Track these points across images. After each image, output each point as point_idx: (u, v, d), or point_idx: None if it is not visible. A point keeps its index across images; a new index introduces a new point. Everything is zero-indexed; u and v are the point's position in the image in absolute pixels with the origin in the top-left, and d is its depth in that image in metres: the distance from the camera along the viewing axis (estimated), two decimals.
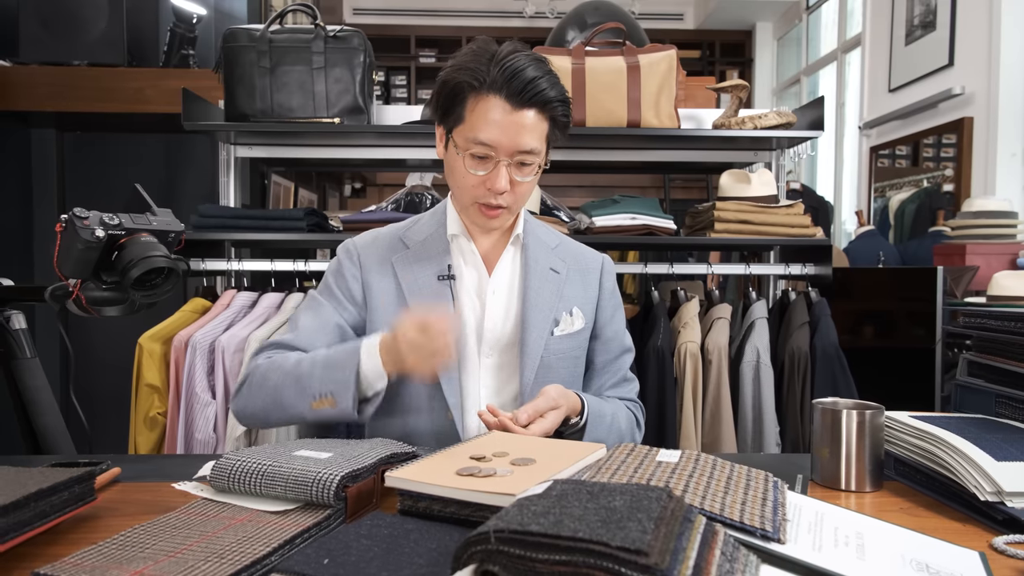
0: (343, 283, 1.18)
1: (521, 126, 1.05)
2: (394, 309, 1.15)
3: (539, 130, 1.07)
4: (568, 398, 1.06)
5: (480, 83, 1.05)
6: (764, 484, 0.79)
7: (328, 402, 1.00)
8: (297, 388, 1.02)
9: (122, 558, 0.62)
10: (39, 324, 2.37)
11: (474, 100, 1.06)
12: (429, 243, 1.18)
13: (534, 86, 1.04)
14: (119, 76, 2.34)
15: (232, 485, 0.79)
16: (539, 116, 1.07)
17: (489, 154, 1.06)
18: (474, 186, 1.09)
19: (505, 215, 1.12)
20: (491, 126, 1.04)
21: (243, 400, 1.09)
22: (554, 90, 1.07)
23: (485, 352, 1.16)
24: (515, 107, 1.04)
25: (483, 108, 1.05)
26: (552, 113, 1.08)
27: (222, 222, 1.97)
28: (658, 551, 0.49)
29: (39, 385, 1.18)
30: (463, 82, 1.06)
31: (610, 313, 1.25)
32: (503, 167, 1.06)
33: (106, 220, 1.01)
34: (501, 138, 1.05)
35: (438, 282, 1.15)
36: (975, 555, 0.71)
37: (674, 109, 2.02)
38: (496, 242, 1.20)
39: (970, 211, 2.67)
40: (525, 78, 1.04)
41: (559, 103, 1.08)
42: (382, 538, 0.66)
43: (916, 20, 3.91)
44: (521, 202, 1.13)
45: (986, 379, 1.09)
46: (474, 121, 1.06)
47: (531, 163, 1.08)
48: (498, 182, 1.06)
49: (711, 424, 1.89)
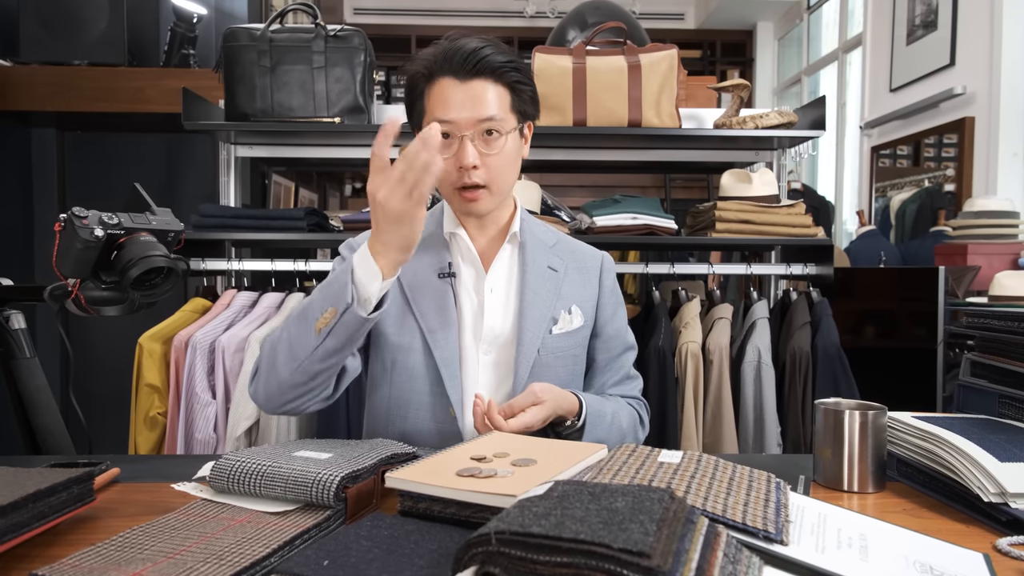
0: None
1: (475, 97, 1.07)
2: (398, 305, 1.15)
3: (498, 99, 1.08)
4: (554, 394, 1.05)
5: (429, 70, 1.08)
6: (766, 485, 0.78)
7: (330, 313, 0.94)
8: (301, 324, 0.98)
9: (121, 559, 0.62)
10: (38, 324, 2.37)
11: (428, 88, 1.09)
12: (428, 241, 1.18)
13: (476, 55, 1.06)
14: (119, 76, 2.34)
15: (231, 486, 0.79)
16: (494, 84, 1.08)
17: (452, 131, 1.07)
18: (447, 172, 1.09)
19: (485, 196, 1.11)
20: (445, 104, 1.07)
21: (259, 381, 1.05)
22: (501, 56, 1.08)
23: (483, 349, 1.16)
24: (463, 79, 1.07)
25: (436, 91, 1.08)
26: (506, 80, 1.09)
27: (222, 222, 1.97)
28: (660, 553, 0.48)
29: (38, 385, 1.18)
30: (416, 74, 1.10)
31: (611, 311, 1.25)
32: (467, 141, 1.07)
33: (105, 219, 1.01)
34: (459, 112, 1.06)
35: (439, 280, 1.15)
36: (979, 556, 0.70)
37: (675, 109, 2.01)
38: (492, 240, 1.20)
39: (971, 211, 2.67)
40: (467, 50, 1.06)
41: (511, 69, 1.09)
42: (382, 539, 0.65)
43: (917, 20, 3.91)
44: (499, 180, 1.11)
45: (989, 379, 1.08)
46: (432, 106, 1.08)
47: (496, 132, 1.08)
48: (465, 157, 1.07)
49: (712, 424, 1.88)
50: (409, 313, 1.14)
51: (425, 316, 1.13)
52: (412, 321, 1.14)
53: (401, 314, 1.15)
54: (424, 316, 1.13)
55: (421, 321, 1.13)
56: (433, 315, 1.14)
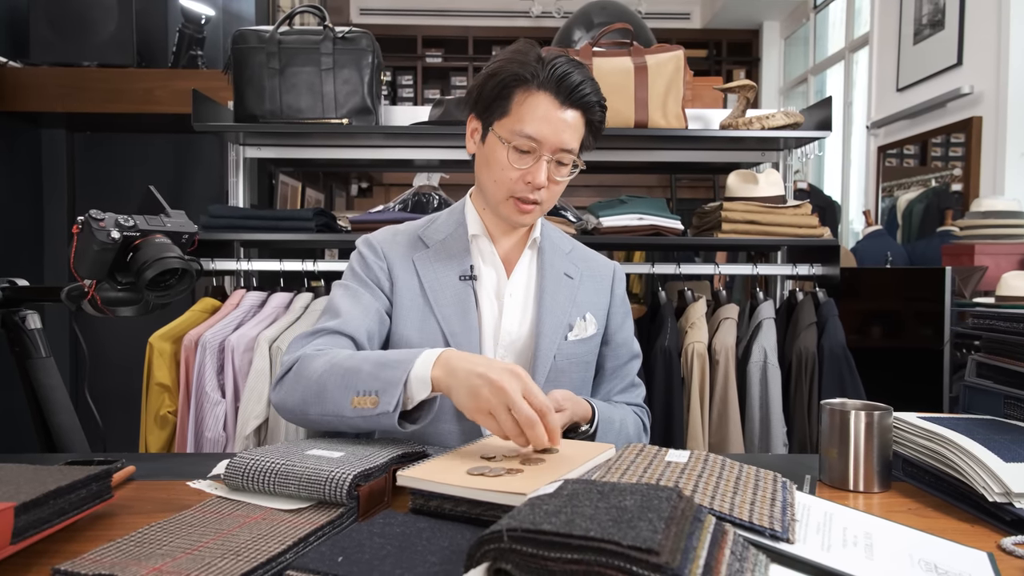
0: (371, 272, 1.16)
1: (566, 124, 1.09)
2: (419, 306, 1.15)
3: (579, 131, 1.12)
4: (575, 402, 1.06)
5: (531, 78, 1.08)
6: (773, 484, 0.79)
7: (371, 400, 0.90)
8: (343, 380, 0.94)
9: (140, 555, 0.63)
10: (51, 324, 2.39)
11: (523, 95, 1.09)
12: (449, 242, 1.19)
13: (582, 89, 1.09)
14: (128, 77, 2.35)
15: (246, 484, 0.80)
16: (580, 118, 1.11)
17: (533, 148, 1.09)
18: (513, 180, 1.10)
19: (537, 211, 1.14)
20: (538, 121, 1.08)
21: (284, 390, 1.01)
22: (596, 95, 1.12)
23: (501, 354, 1.17)
24: (562, 105, 1.09)
25: (532, 103, 1.08)
26: (591, 116, 1.13)
27: (231, 222, 1.98)
28: (669, 550, 0.49)
29: (53, 384, 1.20)
30: (515, 75, 1.09)
31: (620, 320, 1.27)
32: (544, 162, 1.09)
33: (121, 222, 1.02)
34: (547, 133, 1.08)
35: (460, 282, 1.16)
36: (983, 556, 0.71)
37: (681, 109, 2.02)
38: (515, 245, 1.21)
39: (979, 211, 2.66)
40: (575, 80, 1.09)
41: (599, 108, 1.13)
42: (395, 536, 0.67)
43: (924, 19, 3.90)
44: (552, 201, 1.16)
45: (994, 380, 1.09)
46: (522, 115, 1.09)
47: (567, 162, 1.12)
48: (539, 175, 1.09)
49: (718, 424, 1.89)
50: (431, 316, 1.14)
51: (447, 319, 1.14)
52: (433, 324, 1.14)
53: (422, 317, 1.15)
54: (445, 319, 1.14)
55: (443, 324, 1.13)
56: (454, 318, 1.14)
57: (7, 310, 1.17)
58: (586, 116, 1.12)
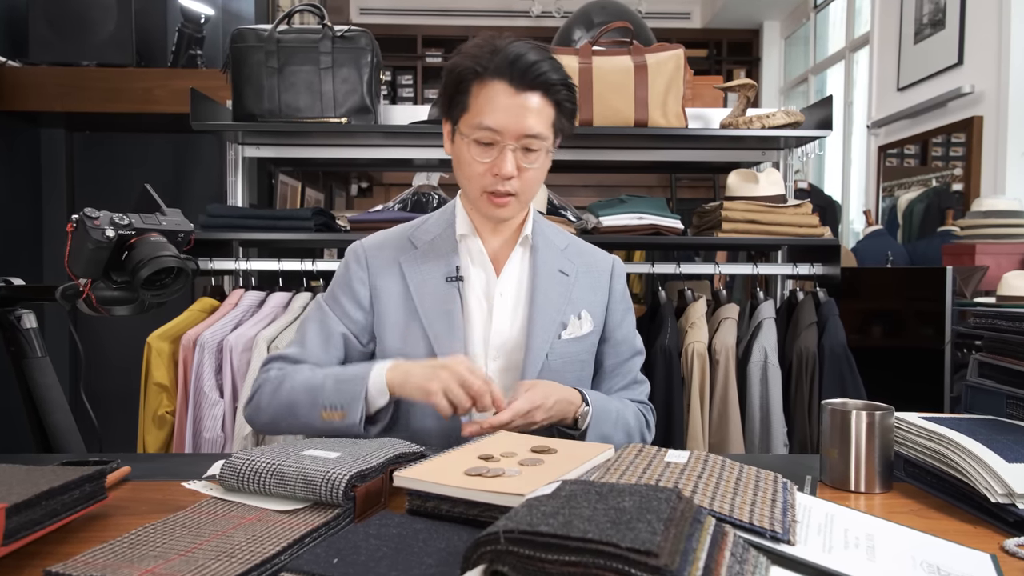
0: (349, 290, 1.18)
1: (525, 109, 1.06)
2: (402, 312, 1.15)
3: (544, 115, 1.08)
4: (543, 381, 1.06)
5: (484, 69, 1.06)
6: (773, 485, 0.79)
7: (338, 414, 1.03)
8: (309, 398, 1.05)
9: (133, 556, 0.63)
10: (47, 323, 2.38)
11: (478, 87, 1.07)
12: (437, 243, 1.18)
13: (536, 68, 1.05)
14: (127, 76, 2.35)
15: (241, 484, 0.79)
16: (543, 100, 1.07)
17: (495, 139, 1.07)
18: (481, 174, 1.09)
19: (514, 204, 1.11)
20: (496, 110, 1.05)
21: (254, 409, 1.12)
22: (556, 74, 1.08)
23: (492, 355, 1.15)
24: (518, 90, 1.06)
25: (488, 93, 1.06)
26: (556, 97, 1.08)
27: (230, 222, 1.98)
28: (668, 552, 0.49)
29: (49, 384, 1.19)
30: (467, 68, 1.07)
31: (620, 316, 1.24)
32: (509, 151, 1.07)
33: (116, 220, 1.01)
34: (506, 122, 1.05)
35: (446, 283, 1.15)
36: (986, 557, 0.70)
37: (681, 108, 2.01)
38: (505, 242, 1.19)
39: (979, 211, 2.65)
40: (528, 61, 1.05)
41: (563, 87, 1.09)
42: (391, 538, 0.66)
43: (925, 18, 3.89)
44: (529, 191, 1.12)
45: (996, 380, 1.08)
46: (479, 107, 1.07)
47: (537, 148, 1.08)
48: (505, 166, 1.06)
49: (718, 424, 1.88)
50: (415, 319, 1.14)
51: (430, 322, 1.13)
52: (417, 327, 1.14)
53: (406, 321, 1.15)
54: (429, 322, 1.13)
55: (427, 326, 1.13)
56: (438, 321, 1.13)
57: (2, 309, 1.16)
58: (549, 97, 1.07)
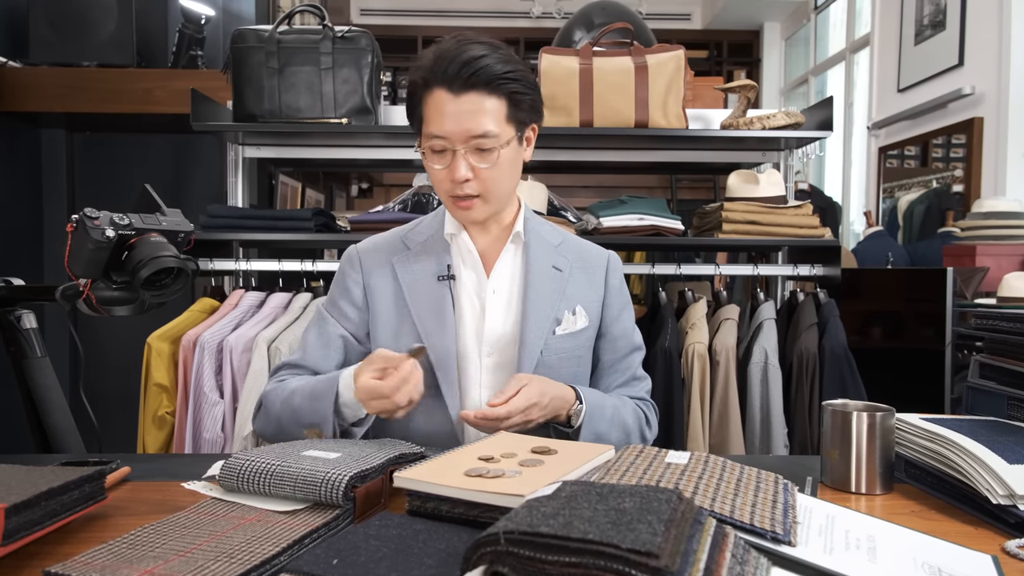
0: (345, 292, 1.20)
1: (467, 112, 1.05)
2: (395, 310, 1.16)
3: (492, 112, 1.05)
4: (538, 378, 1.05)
5: (426, 79, 1.07)
6: (774, 486, 0.78)
7: (316, 432, 1.05)
8: (292, 418, 1.08)
9: (132, 557, 0.62)
10: (48, 324, 2.38)
11: (426, 97, 1.08)
12: (429, 244, 1.19)
13: (471, 67, 1.03)
14: (128, 77, 2.35)
15: (241, 485, 0.79)
16: (488, 97, 1.05)
17: (445, 146, 1.07)
18: (441, 181, 1.10)
19: (479, 205, 1.10)
20: (439, 117, 1.06)
21: (259, 424, 1.16)
22: (500, 66, 1.05)
23: (485, 352, 1.15)
24: (456, 93, 1.05)
25: (433, 102, 1.07)
26: (503, 91, 1.06)
27: (230, 222, 1.98)
28: (668, 553, 0.49)
29: (49, 384, 1.19)
30: (415, 82, 1.09)
31: (617, 311, 1.23)
32: (460, 156, 1.06)
33: (116, 220, 1.01)
34: (451, 127, 1.05)
35: (437, 282, 1.16)
36: (987, 559, 0.70)
37: (682, 109, 2.01)
38: (495, 240, 1.19)
39: (980, 212, 2.65)
40: (461, 61, 1.03)
41: (508, 80, 1.05)
42: (391, 538, 0.66)
43: (926, 20, 3.89)
44: (493, 189, 1.10)
45: (998, 381, 1.08)
46: (428, 117, 1.08)
47: (489, 147, 1.06)
48: (457, 172, 1.07)
49: (719, 425, 1.88)
50: (407, 318, 1.15)
51: (422, 320, 1.14)
52: (409, 325, 1.15)
53: (398, 320, 1.16)
54: (421, 320, 1.14)
55: (418, 324, 1.14)
56: (429, 318, 1.14)
57: (2, 309, 1.16)
58: (495, 93, 1.05)
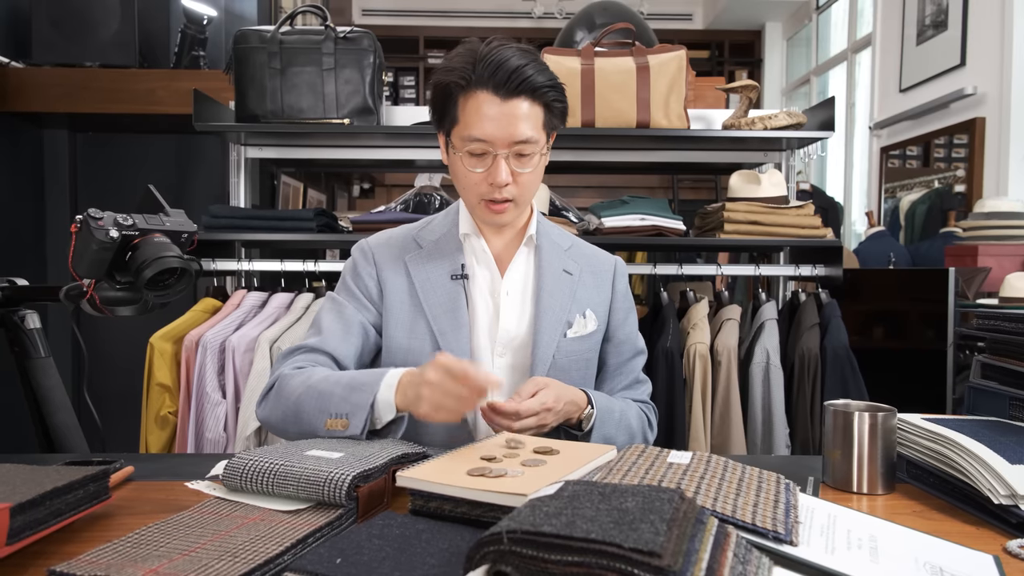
0: (360, 282, 1.18)
1: (513, 116, 1.06)
2: (408, 308, 1.16)
3: (533, 118, 1.08)
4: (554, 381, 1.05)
5: (467, 81, 1.06)
6: (776, 486, 0.79)
7: (342, 423, 0.98)
8: (318, 403, 1.00)
9: (137, 556, 0.63)
10: (51, 324, 2.39)
11: (464, 99, 1.07)
12: (442, 243, 1.19)
13: (520, 74, 1.04)
14: (130, 77, 2.35)
15: (244, 484, 0.79)
16: (531, 104, 1.07)
17: (487, 150, 1.07)
18: (476, 184, 1.09)
19: (512, 209, 1.12)
20: (483, 121, 1.05)
21: (268, 407, 1.08)
22: (542, 76, 1.07)
23: (498, 352, 1.16)
24: (504, 98, 1.05)
25: (474, 104, 1.06)
26: (544, 99, 1.08)
27: (232, 222, 1.98)
28: (671, 553, 0.49)
29: (52, 384, 1.19)
30: (451, 83, 1.07)
31: (623, 316, 1.25)
32: (501, 160, 1.07)
33: (120, 221, 1.02)
34: (495, 131, 1.05)
35: (451, 281, 1.15)
36: (989, 559, 0.70)
37: (683, 109, 2.01)
38: (509, 242, 1.20)
39: (982, 212, 2.65)
40: (510, 67, 1.04)
41: (549, 88, 1.08)
42: (394, 538, 0.66)
43: (927, 20, 3.89)
44: (527, 194, 1.12)
45: (1000, 381, 1.08)
46: (467, 119, 1.07)
47: (529, 153, 1.08)
48: (499, 175, 1.07)
49: (720, 425, 1.88)
50: (421, 316, 1.15)
51: (436, 318, 1.14)
52: (423, 324, 1.14)
53: (412, 318, 1.15)
54: (435, 318, 1.14)
55: (432, 323, 1.14)
56: (444, 317, 1.14)
57: (6, 310, 1.17)
58: (536, 100, 1.07)
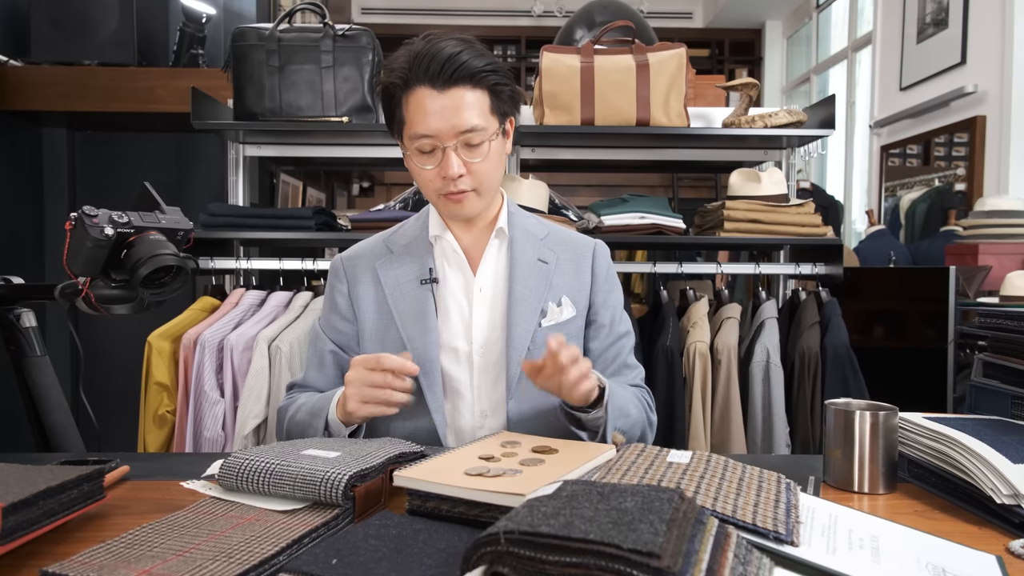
0: (333, 305, 1.21)
1: (455, 106, 1.04)
2: (379, 317, 1.16)
3: (477, 106, 1.06)
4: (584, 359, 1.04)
5: (405, 80, 1.06)
6: (776, 486, 0.78)
7: None
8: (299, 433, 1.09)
9: (130, 556, 0.62)
10: (48, 323, 2.38)
11: (406, 97, 1.07)
12: (412, 246, 1.18)
13: (453, 62, 1.03)
14: (129, 76, 2.35)
15: (240, 484, 0.79)
16: (472, 91, 1.05)
17: (434, 144, 1.06)
18: (431, 180, 1.09)
19: (473, 198, 1.10)
20: (426, 116, 1.05)
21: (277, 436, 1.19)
22: (479, 61, 1.05)
23: (476, 351, 1.15)
24: (441, 89, 1.04)
25: (415, 101, 1.06)
26: (485, 84, 1.07)
27: (231, 221, 1.98)
28: (670, 553, 0.48)
29: (49, 383, 1.19)
30: (391, 84, 1.08)
31: (603, 297, 1.22)
32: (451, 152, 1.06)
33: (115, 218, 1.01)
34: (439, 124, 1.04)
35: (420, 286, 1.15)
36: (992, 559, 0.70)
37: (683, 108, 2.00)
38: (478, 237, 1.18)
39: (982, 210, 2.65)
40: (443, 57, 1.03)
41: (489, 72, 1.06)
42: (391, 538, 0.65)
43: (928, 18, 3.88)
44: (486, 183, 1.10)
45: (1001, 380, 1.08)
46: (411, 117, 1.07)
47: (479, 142, 1.07)
48: (450, 168, 1.06)
49: (720, 424, 1.88)
50: (392, 323, 1.15)
51: (405, 324, 1.14)
52: (394, 331, 1.15)
53: (384, 327, 1.16)
54: (404, 324, 1.14)
55: (401, 329, 1.14)
56: (412, 324, 1.14)
57: (2, 308, 1.16)
58: (478, 87, 1.06)
